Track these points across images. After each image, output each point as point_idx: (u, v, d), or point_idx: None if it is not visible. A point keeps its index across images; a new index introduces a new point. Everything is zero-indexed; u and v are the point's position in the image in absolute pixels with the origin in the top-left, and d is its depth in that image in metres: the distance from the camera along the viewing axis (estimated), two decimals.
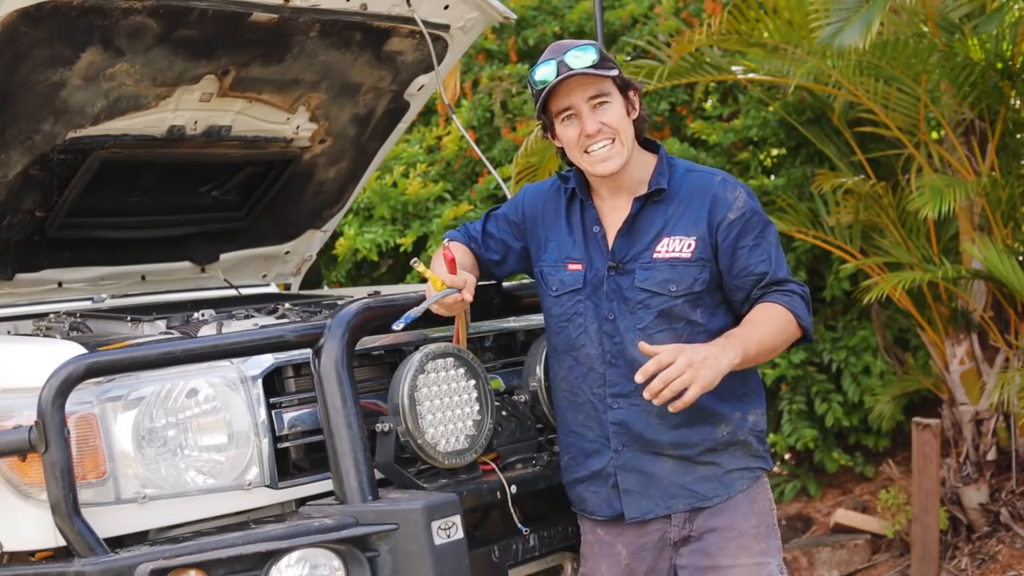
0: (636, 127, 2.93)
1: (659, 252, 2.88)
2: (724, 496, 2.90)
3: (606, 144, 2.86)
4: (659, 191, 2.91)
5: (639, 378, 2.68)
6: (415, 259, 2.94)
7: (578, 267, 2.96)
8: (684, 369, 2.64)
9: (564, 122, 2.89)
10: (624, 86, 2.91)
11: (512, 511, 2.94)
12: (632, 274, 2.89)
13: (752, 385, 2.98)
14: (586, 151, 2.88)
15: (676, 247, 2.87)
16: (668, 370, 2.65)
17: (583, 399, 2.95)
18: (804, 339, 2.93)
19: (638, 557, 2.96)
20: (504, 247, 3.12)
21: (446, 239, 3.06)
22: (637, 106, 2.94)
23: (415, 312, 2.84)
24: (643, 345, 2.73)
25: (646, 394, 2.67)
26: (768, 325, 2.84)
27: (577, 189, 2.99)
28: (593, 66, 2.82)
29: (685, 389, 2.64)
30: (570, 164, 2.99)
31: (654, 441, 2.89)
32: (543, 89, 2.85)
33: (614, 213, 2.95)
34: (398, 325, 2.84)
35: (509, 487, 3.00)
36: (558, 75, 2.82)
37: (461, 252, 3.06)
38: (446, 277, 2.86)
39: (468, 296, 2.88)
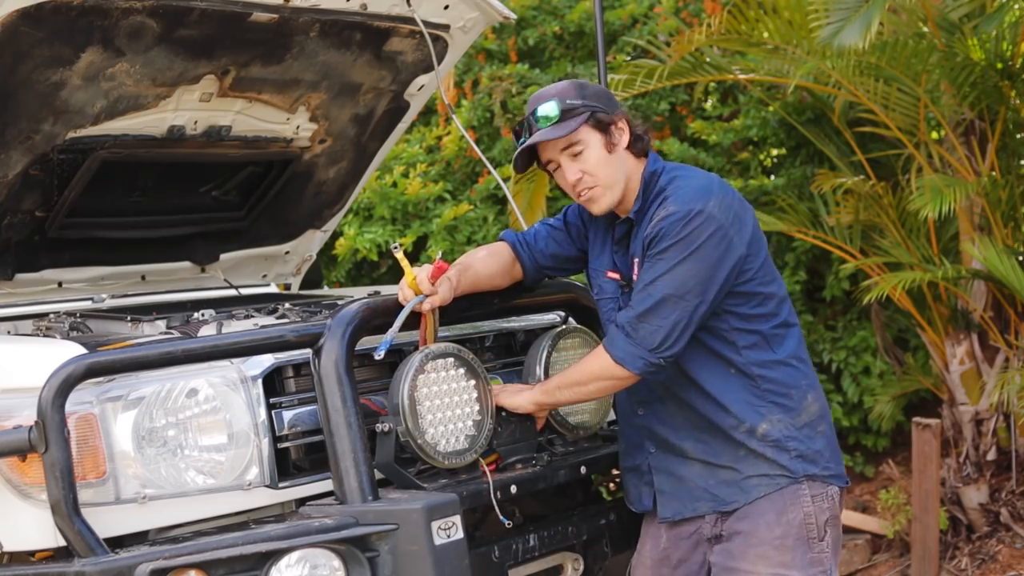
0: (633, 149, 2.96)
1: (636, 275, 2.96)
2: (742, 501, 2.93)
3: (587, 190, 2.95)
4: (630, 220, 2.98)
5: None
6: (396, 244, 3.04)
7: (616, 276, 3.05)
8: (497, 390, 3.10)
9: (555, 172, 3.00)
10: (600, 124, 2.91)
11: (496, 508, 2.95)
12: (631, 290, 2.98)
13: (768, 390, 2.93)
14: (578, 195, 2.99)
15: (637, 272, 2.95)
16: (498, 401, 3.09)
17: (629, 398, 3.08)
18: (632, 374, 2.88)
19: (674, 545, 3.07)
20: (580, 232, 3.20)
21: (502, 237, 3.24)
22: (626, 132, 2.94)
23: (390, 336, 2.90)
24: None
25: None
26: (576, 368, 3.01)
27: None
28: (557, 121, 2.88)
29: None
30: None
31: (677, 446, 3.00)
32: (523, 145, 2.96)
33: None
34: (379, 354, 2.89)
35: (508, 487, 3.00)
36: (530, 134, 2.92)
37: (485, 259, 3.15)
38: (423, 281, 2.94)
39: (427, 307, 2.97)
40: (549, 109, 2.89)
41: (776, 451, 2.91)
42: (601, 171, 2.92)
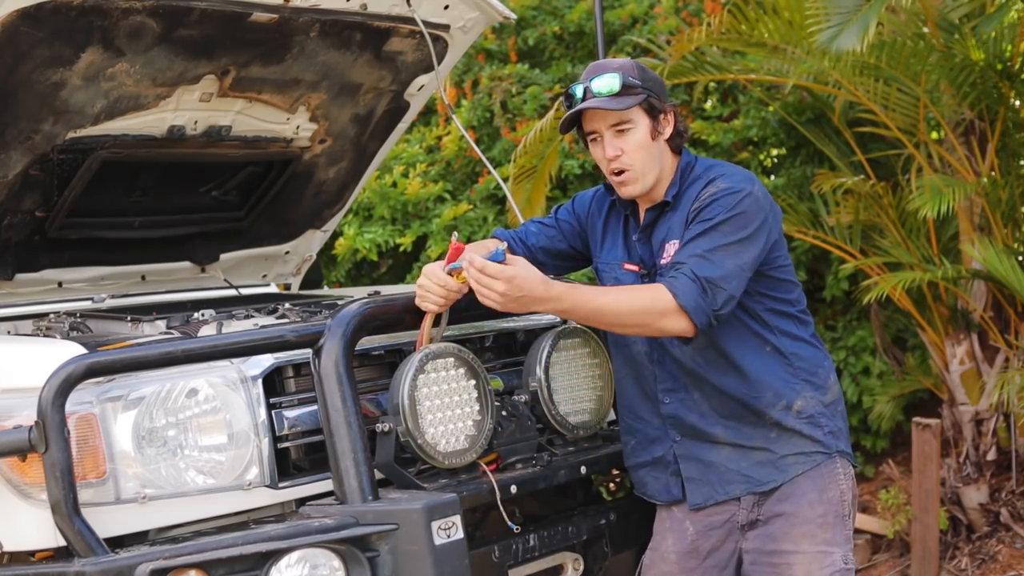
0: (672, 143, 3.02)
1: (664, 258, 2.99)
2: (779, 480, 2.98)
3: (620, 171, 2.98)
4: (666, 203, 3.02)
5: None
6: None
7: (635, 268, 3.08)
8: (499, 277, 2.74)
9: (592, 143, 3.03)
10: (652, 109, 2.96)
11: (503, 511, 2.95)
12: (654, 280, 3.00)
13: (800, 367, 3.01)
14: (612, 173, 3.01)
15: (672, 252, 2.97)
16: (488, 277, 2.76)
17: (648, 389, 3.09)
18: (692, 326, 2.79)
19: (704, 536, 3.08)
20: (574, 230, 3.24)
21: (496, 236, 3.24)
22: (671, 125, 3.00)
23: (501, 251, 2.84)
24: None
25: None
26: (621, 293, 2.89)
27: (618, 201, 3.12)
28: (615, 94, 2.91)
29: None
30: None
31: (707, 432, 3.02)
32: (570, 108, 2.98)
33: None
34: (500, 255, 2.81)
35: (508, 488, 3.00)
36: (582, 99, 2.94)
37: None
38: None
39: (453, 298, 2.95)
40: (611, 80, 2.92)
41: (811, 427, 2.99)
42: (638, 156, 2.96)
